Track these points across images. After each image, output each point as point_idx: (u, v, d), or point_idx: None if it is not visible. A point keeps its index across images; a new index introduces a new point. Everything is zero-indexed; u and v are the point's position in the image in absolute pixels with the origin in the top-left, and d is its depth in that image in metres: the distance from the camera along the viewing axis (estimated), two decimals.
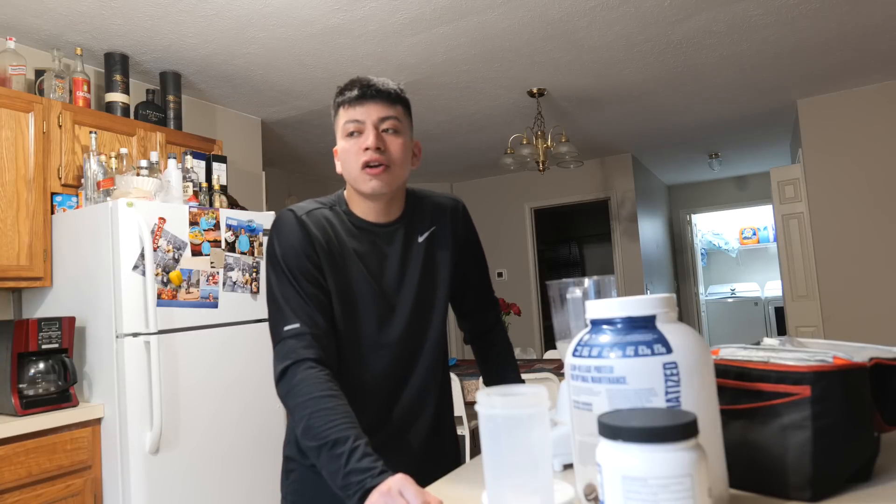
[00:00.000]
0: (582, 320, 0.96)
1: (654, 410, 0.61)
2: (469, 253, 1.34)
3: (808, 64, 3.76)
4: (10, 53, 2.56)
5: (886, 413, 0.82)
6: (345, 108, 1.15)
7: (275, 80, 3.46)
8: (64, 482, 2.16)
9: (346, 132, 1.15)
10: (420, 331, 1.22)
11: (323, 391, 1.02)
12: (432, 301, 1.23)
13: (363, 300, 1.17)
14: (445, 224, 1.27)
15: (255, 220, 2.74)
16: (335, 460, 0.93)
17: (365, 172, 1.13)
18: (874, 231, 4.30)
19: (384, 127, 1.15)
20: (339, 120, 1.17)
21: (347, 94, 1.15)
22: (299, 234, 1.14)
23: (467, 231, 1.33)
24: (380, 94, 1.14)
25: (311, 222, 1.16)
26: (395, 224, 1.21)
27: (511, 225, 6.48)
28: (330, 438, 0.95)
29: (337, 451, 0.94)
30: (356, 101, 1.14)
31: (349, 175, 1.17)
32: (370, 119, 1.14)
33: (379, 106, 1.14)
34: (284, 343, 1.09)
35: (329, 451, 0.95)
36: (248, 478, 2.59)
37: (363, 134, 1.14)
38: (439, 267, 1.25)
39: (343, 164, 1.18)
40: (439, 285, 1.24)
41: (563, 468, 0.99)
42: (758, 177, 7.54)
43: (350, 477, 0.91)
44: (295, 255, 1.13)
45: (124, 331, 2.25)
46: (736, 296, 8.18)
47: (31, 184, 2.45)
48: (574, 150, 3.96)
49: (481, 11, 2.80)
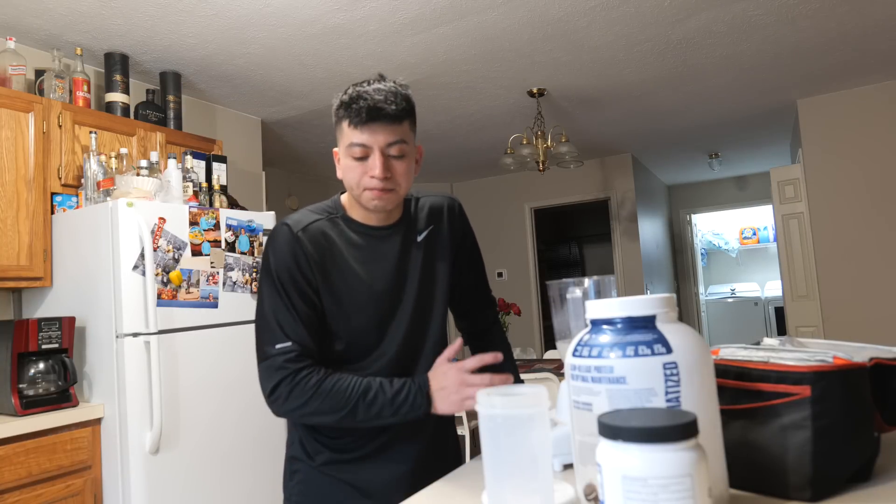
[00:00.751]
0: (582, 320, 0.96)
1: (654, 410, 0.61)
2: (466, 251, 1.34)
3: (808, 64, 3.76)
4: (10, 53, 2.56)
5: (886, 413, 0.82)
6: (350, 126, 1.11)
7: (275, 80, 3.46)
8: (64, 482, 2.16)
9: (351, 154, 1.12)
10: (421, 330, 1.22)
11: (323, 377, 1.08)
12: (432, 300, 1.23)
13: (363, 306, 1.17)
14: (442, 223, 1.27)
15: (255, 220, 2.74)
16: (375, 402, 1.05)
17: (368, 193, 1.12)
18: (874, 231, 4.30)
19: (391, 153, 1.11)
20: (343, 136, 1.13)
21: (354, 114, 1.09)
22: (294, 251, 1.14)
23: (464, 229, 1.33)
24: (388, 118, 1.10)
25: (306, 238, 1.15)
26: (393, 227, 1.21)
27: (511, 225, 6.48)
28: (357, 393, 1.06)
29: (370, 396, 1.05)
30: (363, 124, 1.09)
31: (352, 189, 1.15)
32: (377, 144, 1.10)
33: (386, 130, 1.10)
34: (274, 360, 1.10)
35: (363, 401, 1.05)
36: (249, 478, 2.59)
37: (369, 158, 1.11)
38: (438, 266, 1.25)
39: (346, 179, 1.15)
40: (438, 284, 1.25)
41: (563, 468, 0.99)
42: (758, 177, 7.54)
43: (399, 396, 1.06)
44: (288, 271, 1.13)
45: (124, 331, 2.25)
46: (736, 296, 8.18)
47: (31, 184, 2.45)
48: (574, 150, 3.96)
49: (481, 11, 2.80)
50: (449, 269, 1.27)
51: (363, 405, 1.05)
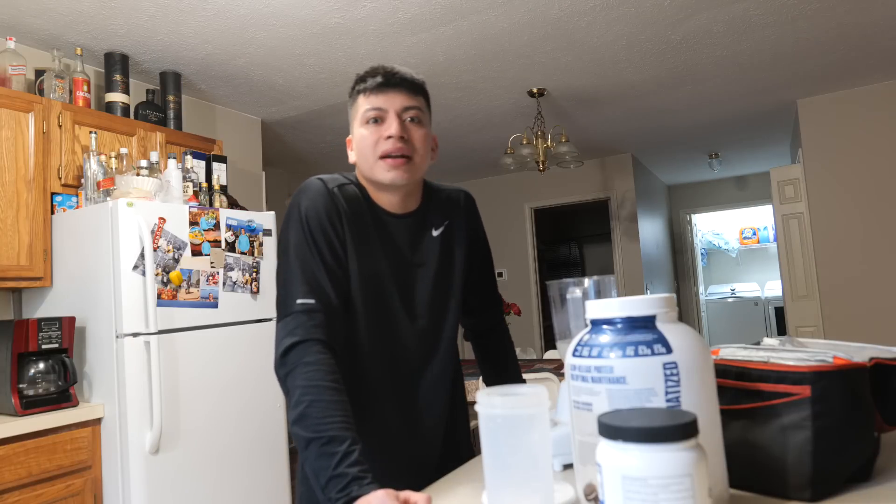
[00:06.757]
0: (582, 320, 0.96)
1: (654, 410, 0.61)
2: (478, 248, 1.31)
3: (808, 64, 3.76)
4: (10, 53, 2.56)
5: (886, 413, 0.82)
6: (366, 95, 1.10)
7: (275, 80, 3.46)
8: (64, 482, 2.16)
9: (365, 119, 1.10)
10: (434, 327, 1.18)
11: (327, 381, 0.97)
12: (447, 297, 1.20)
13: (378, 287, 1.12)
14: (460, 218, 1.24)
15: (255, 220, 2.74)
16: (326, 458, 0.90)
17: (385, 162, 1.09)
18: (874, 231, 4.30)
19: (407, 116, 1.10)
20: (359, 107, 1.12)
21: (370, 81, 1.10)
22: (327, 201, 1.09)
23: (476, 225, 1.30)
24: (404, 83, 1.10)
25: (341, 195, 1.11)
26: (411, 216, 1.18)
27: (511, 225, 6.48)
28: (326, 434, 0.91)
29: (330, 450, 0.90)
30: (378, 89, 1.09)
31: (366, 163, 1.12)
32: (393, 107, 1.09)
33: (403, 94, 1.10)
34: (295, 317, 1.03)
35: (322, 446, 0.91)
36: (249, 477, 2.59)
37: (385, 122, 1.09)
38: (455, 262, 1.22)
39: (359, 152, 1.12)
40: (455, 280, 1.21)
41: (563, 468, 0.99)
42: (758, 177, 7.54)
43: (338, 480, 0.88)
44: (319, 220, 1.08)
45: (124, 331, 2.25)
46: (736, 296, 8.18)
47: (31, 184, 2.45)
48: (574, 150, 3.96)
49: (481, 11, 2.80)
50: (464, 266, 1.24)
51: (316, 447, 0.92)
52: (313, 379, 0.97)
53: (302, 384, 0.97)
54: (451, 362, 1.23)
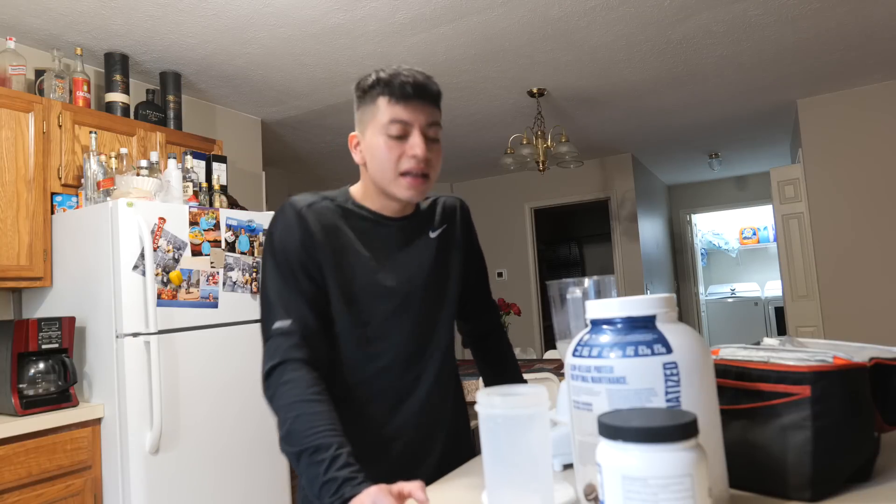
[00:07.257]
0: (582, 320, 0.96)
1: (653, 410, 0.61)
2: (473, 254, 1.33)
3: (808, 64, 3.76)
4: (10, 53, 2.56)
5: (886, 413, 0.82)
6: (390, 102, 1.06)
7: (275, 80, 3.46)
8: (64, 482, 2.16)
9: (388, 131, 1.07)
10: (429, 328, 1.19)
11: (308, 395, 0.97)
12: (442, 299, 1.21)
13: (368, 295, 1.13)
14: (455, 223, 1.26)
15: (255, 220, 2.74)
16: (315, 466, 0.90)
17: (405, 180, 1.08)
18: (874, 231, 4.30)
19: (430, 132, 1.08)
20: (379, 112, 1.08)
21: (397, 88, 1.06)
22: (298, 227, 1.09)
23: (471, 232, 1.32)
24: (430, 97, 1.08)
25: (311, 216, 1.11)
26: (407, 219, 1.18)
27: (511, 225, 6.48)
28: (312, 444, 0.91)
29: (318, 458, 0.90)
30: (405, 99, 1.06)
31: (383, 176, 1.09)
32: (418, 122, 1.07)
33: (428, 108, 1.08)
34: (273, 340, 1.05)
35: (310, 456, 0.91)
36: (249, 477, 2.59)
37: (408, 137, 1.07)
38: (450, 266, 1.23)
39: (377, 163, 1.09)
40: (450, 284, 1.22)
41: (563, 468, 0.99)
42: (758, 177, 7.54)
43: (329, 485, 0.87)
44: (292, 247, 1.09)
45: (124, 331, 2.25)
46: (736, 296, 8.18)
47: (31, 184, 2.45)
48: (574, 150, 3.96)
49: (481, 11, 2.80)
50: (460, 270, 1.25)
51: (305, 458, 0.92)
52: (293, 396, 0.98)
53: (283, 403, 0.98)
54: (448, 362, 1.23)
